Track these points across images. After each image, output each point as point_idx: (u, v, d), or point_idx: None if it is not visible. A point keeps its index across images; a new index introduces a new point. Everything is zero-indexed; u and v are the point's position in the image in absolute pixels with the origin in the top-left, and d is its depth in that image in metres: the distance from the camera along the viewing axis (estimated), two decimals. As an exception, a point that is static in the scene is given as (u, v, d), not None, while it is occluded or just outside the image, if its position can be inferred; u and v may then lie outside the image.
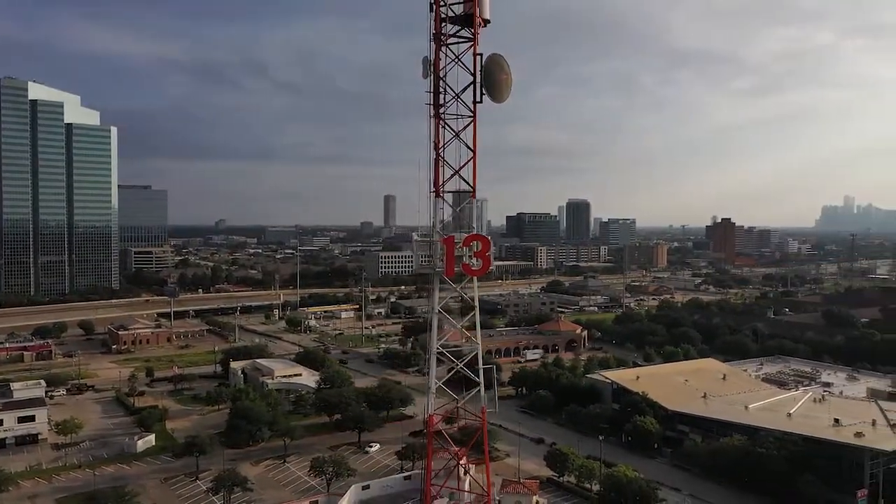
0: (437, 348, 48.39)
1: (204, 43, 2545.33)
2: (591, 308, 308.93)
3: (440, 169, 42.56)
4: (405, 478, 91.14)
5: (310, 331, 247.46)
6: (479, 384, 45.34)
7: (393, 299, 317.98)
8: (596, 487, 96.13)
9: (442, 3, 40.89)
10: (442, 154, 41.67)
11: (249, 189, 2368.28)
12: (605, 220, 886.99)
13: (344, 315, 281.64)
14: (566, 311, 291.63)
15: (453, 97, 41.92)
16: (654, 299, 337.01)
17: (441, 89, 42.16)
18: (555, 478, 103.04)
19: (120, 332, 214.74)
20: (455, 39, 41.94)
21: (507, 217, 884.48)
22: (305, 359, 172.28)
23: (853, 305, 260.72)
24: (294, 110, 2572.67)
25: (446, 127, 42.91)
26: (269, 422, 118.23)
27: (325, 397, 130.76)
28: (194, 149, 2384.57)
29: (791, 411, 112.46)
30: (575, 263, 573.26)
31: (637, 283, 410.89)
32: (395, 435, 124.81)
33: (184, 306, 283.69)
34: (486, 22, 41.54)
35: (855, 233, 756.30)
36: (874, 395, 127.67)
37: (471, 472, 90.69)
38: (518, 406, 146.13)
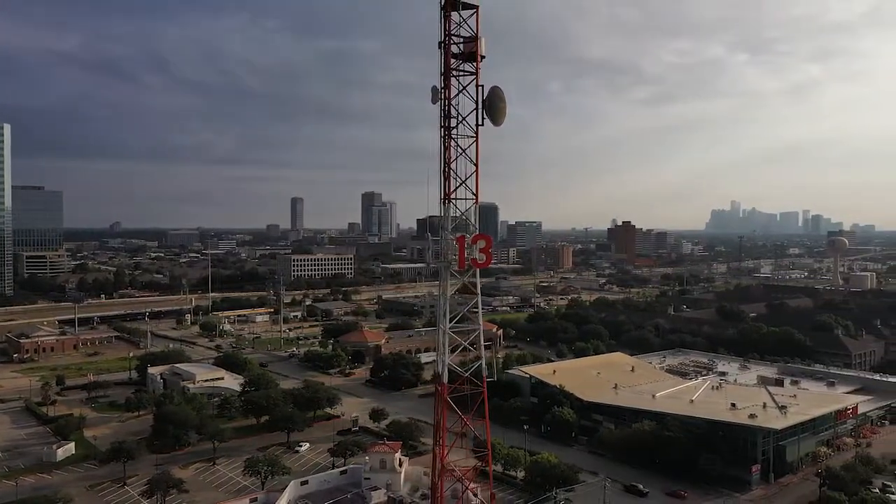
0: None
1: (101, 37, 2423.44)
2: (504, 308, 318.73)
3: (449, 180, 48.12)
4: (341, 472, 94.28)
5: (225, 335, 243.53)
6: (480, 358, 51.88)
7: (308, 302, 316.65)
8: (521, 474, 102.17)
9: (450, 42, 47.05)
10: (453, 167, 47.17)
11: (146, 190, 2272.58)
12: (512, 223, 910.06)
13: (259, 318, 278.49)
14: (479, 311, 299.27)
15: (458, 120, 47.52)
16: (562, 299, 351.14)
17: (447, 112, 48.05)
18: (482, 467, 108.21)
19: (22, 341, 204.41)
20: (457, 72, 47.67)
21: (417, 220, 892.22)
22: (225, 362, 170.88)
23: (742, 302, 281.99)
24: (196, 109, 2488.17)
25: (455, 144, 49.31)
26: (197, 425, 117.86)
27: (253, 399, 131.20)
28: (86, 148, 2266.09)
29: (693, 398, 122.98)
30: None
31: (546, 284, 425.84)
32: (323, 434, 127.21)
33: (87, 312, 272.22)
34: (482, 57, 47.59)
35: (742, 235, 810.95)
36: (763, 381, 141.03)
37: (406, 465, 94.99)
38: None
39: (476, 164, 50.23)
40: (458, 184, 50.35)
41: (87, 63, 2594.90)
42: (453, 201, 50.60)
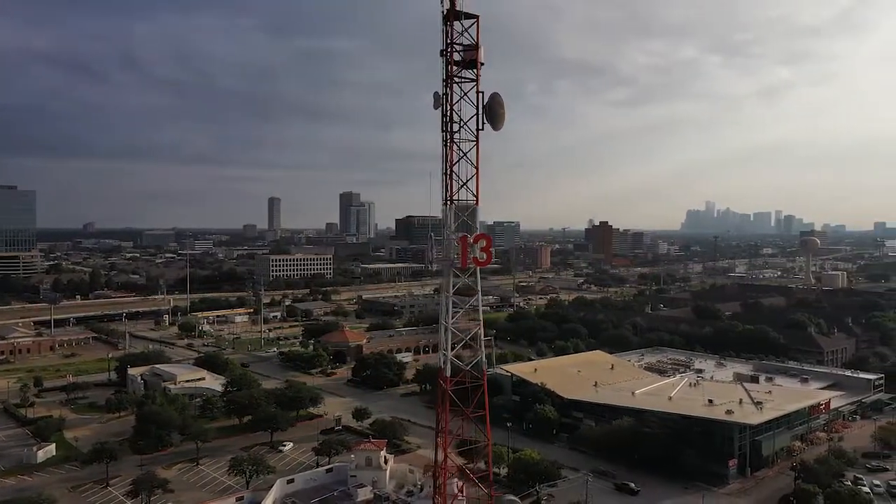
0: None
1: (73, 35, 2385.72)
2: (484, 308, 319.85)
3: (452, 182, 49.59)
4: (327, 470, 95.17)
5: (204, 336, 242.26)
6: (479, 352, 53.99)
7: (288, 303, 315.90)
8: (504, 471, 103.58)
9: (450, 50, 48.78)
10: (456, 170, 48.72)
11: (120, 190, 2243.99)
12: (490, 223, 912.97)
13: (238, 319, 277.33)
14: (460, 310, 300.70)
15: (460, 124, 49.05)
16: (541, 298, 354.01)
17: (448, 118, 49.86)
18: (465, 465, 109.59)
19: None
20: (458, 79, 49.33)
21: (395, 220, 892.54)
22: (206, 363, 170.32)
23: (718, 300, 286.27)
24: (171, 108, 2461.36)
25: (458, 147, 51.74)
26: (180, 426, 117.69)
27: (236, 399, 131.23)
28: (59, 147, 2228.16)
29: (671, 395, 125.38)
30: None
31: (525, 284, 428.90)
32: (306, 434, 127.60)
33: (63, 314, 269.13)
34: (481, 64, 49.23)
35: (717, 235, 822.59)
36: (739, 378, 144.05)
37: (391, 463, 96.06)
38: (424, 402, 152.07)
39: (476, 167, 51.93)
40: (459, 186, 51.85)
41: (59, 61, 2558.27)
42: (456, 203, 52.09)
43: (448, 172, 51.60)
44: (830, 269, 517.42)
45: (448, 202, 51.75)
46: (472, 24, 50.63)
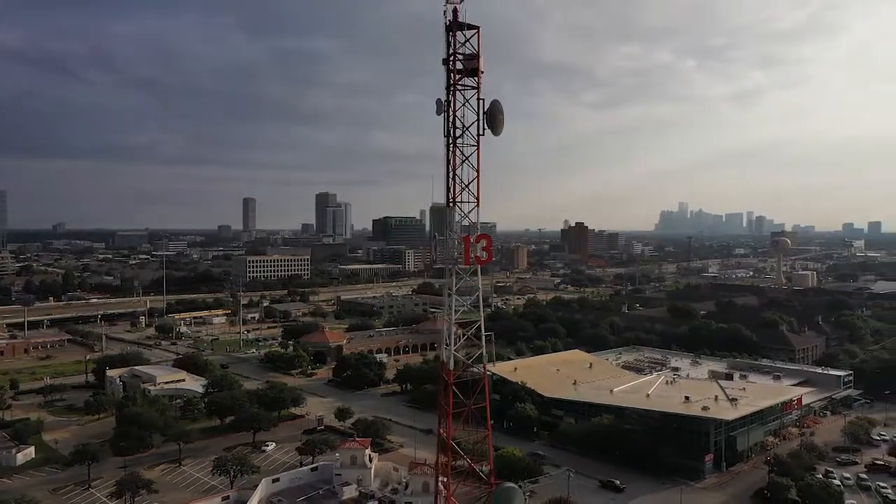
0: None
1: (46, 32, 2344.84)
2: (462, 308, 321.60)
3: (455, 185, 51.25)
4: (312, 469, 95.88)
5: (182, 337, 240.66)
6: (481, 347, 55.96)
7: (266, 304, 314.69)
8: (486, 468, 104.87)
9: (452, 59, 50.67)
10: (458, 173, 50.52)
11: (92, 190, 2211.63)
12: (467, 223, 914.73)
13: (216, 320, 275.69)
14: (438, 311, 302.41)
15: (463, 130, 51.02)
16: (519, 298, 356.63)
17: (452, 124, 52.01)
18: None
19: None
20: (461, 86, 51.33)
21: (373, 220, 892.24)
22: (185, 364, 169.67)
23: (692, 300, 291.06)
24: (147, 108, 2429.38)
25: (461, 151, 55.33)
26: (161, 427, 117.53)
27: (217, 400, 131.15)
28: (29, 146, 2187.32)
29: (649, 392, 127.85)
30: (441, 266, 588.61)
31: (502, 284, 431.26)
32: (288, 434, 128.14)
33: (36, 315, 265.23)
34: (482, 72, 51.09)
35: (691, 236, 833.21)
36: (714, 375, 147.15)
37: (375, 461, 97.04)
38: (405, 401, 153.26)
39: (478, 171, 53.77)
40: (458, 188, 53.65)
41: (30, 59, 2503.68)
42: (459, 204, 53.71)
43: (452, 176, 53.29)
44: (801, 269, 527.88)
45: (452, 204, 53.41)
46: (474, 35, 52.34)
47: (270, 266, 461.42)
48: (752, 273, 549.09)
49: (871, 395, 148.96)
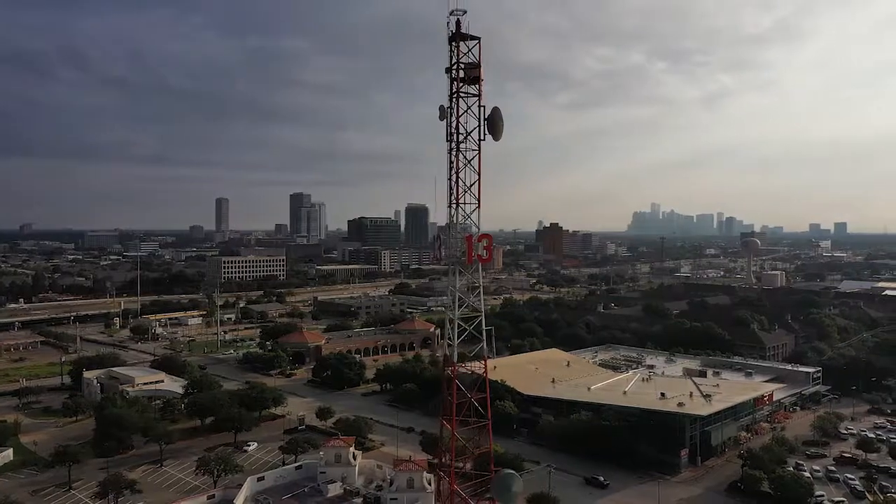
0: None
1: (10, 28, 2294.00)
2: (439, 308, 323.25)
3: (458, 186, 52.80)
4: (296, 468, 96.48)
5: (158, 339, 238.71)
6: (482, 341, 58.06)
7: (242, 304, 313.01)
8: (468, 465, 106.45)
9: (455, 69, 52.56)
10: (461, 175, 52.01)
11: (61, 190, 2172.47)
12: (442, 224, 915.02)
13: (192, 321, 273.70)
14: (415, 311, 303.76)
15: (465, 135, 52.57)
16: (495, 298, 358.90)
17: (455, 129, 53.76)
18: (430, 460, 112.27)
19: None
20: (465, 94, 53.12)
21: (348, 221, 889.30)
22: (163, 365, 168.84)
23: (666, 299, 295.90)
24: (118, 107, 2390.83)
25: (461, 156, 56.91)
26: (142, 428, 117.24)
27: (198, 401, 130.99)
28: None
29: (625, 389, 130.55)
30: (417, 266, 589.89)
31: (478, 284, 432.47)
32: (269, 434, 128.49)
33: (7, 317, 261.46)
34: (482, 80, 53.11)
35: (664, 236, 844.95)
36: (688, 373, 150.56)
37: (359, 459, 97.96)
38: (385, 401, 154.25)
39: (479, 174, 55.54)
40: (452, 191, 55.31)
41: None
42: (462, 205, 55.33)
43: (456, 178, 54.96)
44: (770, 269, 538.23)
45: (455, 205, 55.02)
46: (475, 45, 54.19)
47: (245, 267, 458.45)
48: (723, 273, 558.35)
49: (838, 391, 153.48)
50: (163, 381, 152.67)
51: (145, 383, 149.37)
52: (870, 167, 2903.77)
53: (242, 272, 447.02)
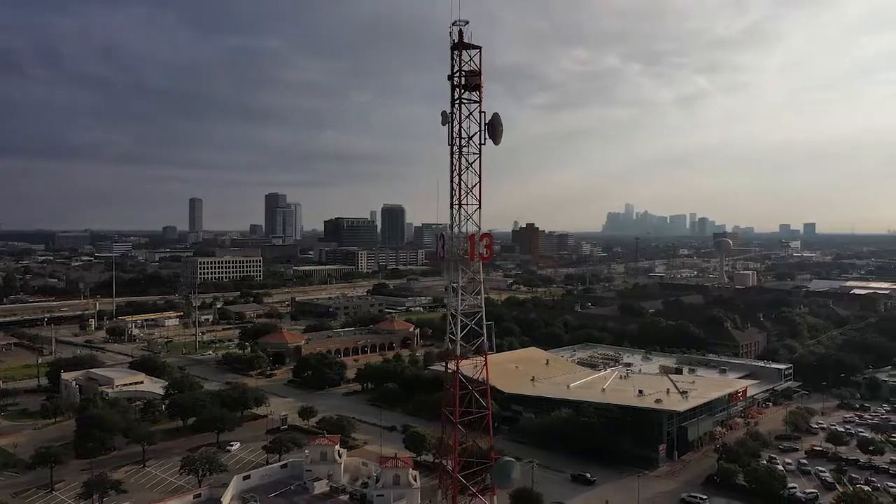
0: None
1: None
2: (418, 308, 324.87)
3: (460, 188, 54.46)
4: (282, 466, 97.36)
5: (135, 340, 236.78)
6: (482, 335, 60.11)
7: (219, 305, 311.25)
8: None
9: (457, 76, 54.50)
10: (462, 178, 53.72)
11: (29, 190, 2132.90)
12: (419, 224, 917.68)
13: (168, 322, 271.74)
14: (394, 311, 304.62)
15: (467, 139, 54.36)
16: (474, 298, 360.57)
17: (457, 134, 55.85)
18: (414, 458, 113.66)
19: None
20: (466, 101, 55.41)
21: (324, 221, 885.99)
22: (142, 366, 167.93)
23: (641, 299, 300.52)
24: (91, 105, 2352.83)
25: (463, 159, 60.45)
26: (124, 429, 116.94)
27: (179, 401, 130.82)
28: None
29: (604, 387, 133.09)
30: (395, 267, 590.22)
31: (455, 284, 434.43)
32: (252, 433, 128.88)
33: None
34: (482, 87, 55.11)
35: (638, 237, 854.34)
36: (665, 370, 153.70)
37: (345, 457, 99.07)
38: (367, 400, 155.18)
39: (479, 176, 57.45)
40: (454, 193, 57.00)
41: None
42: (464, 207, 57.03)
43: (458, 181, 56.76)
44: (742, 269, 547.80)
45: (458, 206, 56.74)
46: (476, 54, 56.08)
47: (222, 267, 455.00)
48: (696, 273, 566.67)
49: (809, 387, 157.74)
50: (143, 383, 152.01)
51: (125, 384, 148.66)
52: (837, 168, 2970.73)
53: (219, 273, 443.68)
